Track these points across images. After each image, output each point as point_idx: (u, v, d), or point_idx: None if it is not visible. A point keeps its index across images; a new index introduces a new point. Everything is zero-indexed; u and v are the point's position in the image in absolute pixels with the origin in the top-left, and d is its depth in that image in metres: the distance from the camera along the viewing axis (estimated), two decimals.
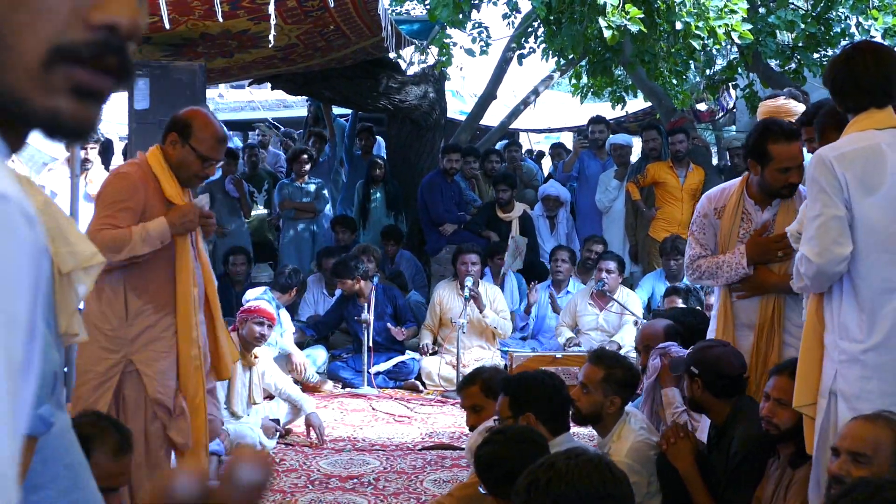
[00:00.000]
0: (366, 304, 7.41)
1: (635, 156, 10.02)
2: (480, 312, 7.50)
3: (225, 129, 3.90)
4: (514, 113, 11.55)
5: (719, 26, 7.52)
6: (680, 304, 6.66)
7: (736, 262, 3.79)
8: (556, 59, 9.75)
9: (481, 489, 3.10)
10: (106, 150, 8.75)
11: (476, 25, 9.42)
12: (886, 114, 2.95)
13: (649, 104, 12.85)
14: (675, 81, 9.90)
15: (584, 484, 2.22)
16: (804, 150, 3.74)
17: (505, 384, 3.62)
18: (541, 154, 14.17)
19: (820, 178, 2.90)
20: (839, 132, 3.07)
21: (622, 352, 6.90)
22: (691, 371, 3.69)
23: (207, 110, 3.99)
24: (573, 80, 11.55)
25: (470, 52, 9.27)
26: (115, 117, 11.09)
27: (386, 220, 9.50)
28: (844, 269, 2.88)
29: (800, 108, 4.98)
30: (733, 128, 13.64)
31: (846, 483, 2.54)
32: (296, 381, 6.48)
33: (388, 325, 7.57)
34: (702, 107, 14.42)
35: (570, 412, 3.67)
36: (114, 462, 2.72)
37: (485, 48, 9.44)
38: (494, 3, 9.55)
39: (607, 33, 7.24)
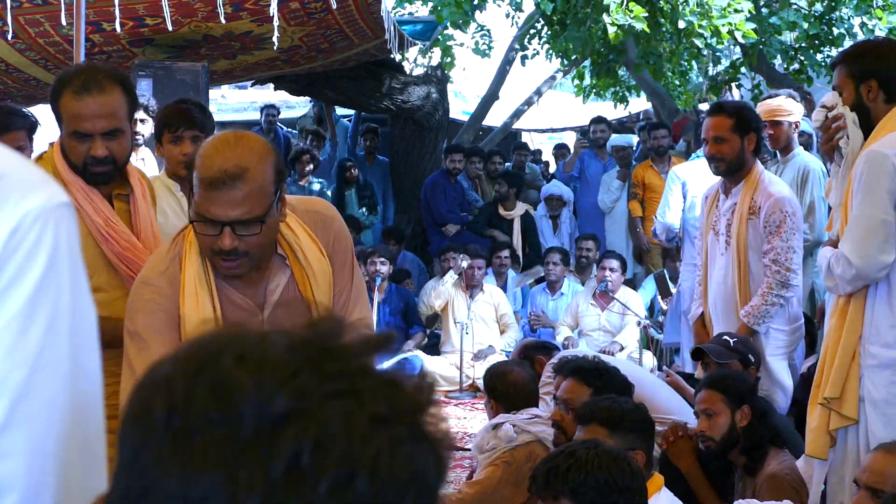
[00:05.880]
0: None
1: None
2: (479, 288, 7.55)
3: None
4: (517, 113, 11.55)
5: (723, 25, 7.51)
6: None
7: None
8: (559, 59, 9.75)
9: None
10: None
11: (479, 29, 9.44)
12: None
13: (650, 104, 12.86)
14: (678, 82, 9.90)
15: (602, 474, 2.24)
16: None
17: (586, 374, 3.46)
18: (538, 153, 14.10)
19: (875, 176, 2.70)
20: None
21: (624, 353, 6.88)
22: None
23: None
24: (576, 81, 11.56)
25: (477, 51, 9.28)
26: None
27: (362, 220, 9.51)
28: (883, 276, 2.76)
29: (797, 107, 4.99)
30: None
31: None
32: None
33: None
34: (704, 107, 14.40)
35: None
36: None
37: (487, 52, 9.45)
38: (498, 4, 9.56)
39: (611, 30, 7.23)
